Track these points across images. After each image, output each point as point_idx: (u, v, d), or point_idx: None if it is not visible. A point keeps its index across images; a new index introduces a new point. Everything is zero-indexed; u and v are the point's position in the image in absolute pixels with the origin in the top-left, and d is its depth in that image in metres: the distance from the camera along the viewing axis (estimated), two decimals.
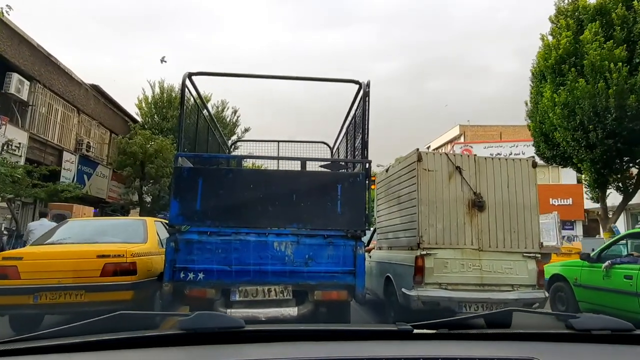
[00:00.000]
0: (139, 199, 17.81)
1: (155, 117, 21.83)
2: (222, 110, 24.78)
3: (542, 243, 5.28)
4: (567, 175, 24.53)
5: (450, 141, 34.88)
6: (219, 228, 4.35)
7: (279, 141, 8.14)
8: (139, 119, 21.57)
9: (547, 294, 5.09)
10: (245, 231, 4.37)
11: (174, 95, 21.91)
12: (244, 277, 4.28)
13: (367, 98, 4.85)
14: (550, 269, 6.92)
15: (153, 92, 22.57)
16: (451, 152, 27.52)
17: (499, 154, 24.78)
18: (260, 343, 1.25)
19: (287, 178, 4.72)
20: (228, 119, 25.04)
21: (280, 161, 6.91)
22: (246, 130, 26.45)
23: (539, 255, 5.19)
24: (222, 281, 4.28)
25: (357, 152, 5.44)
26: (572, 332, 1.31)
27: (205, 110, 6.35)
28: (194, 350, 1.20)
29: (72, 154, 16.13)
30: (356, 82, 5.03)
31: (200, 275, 4.22)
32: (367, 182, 4.57)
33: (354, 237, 4.45)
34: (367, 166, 4.70)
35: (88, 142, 17.08)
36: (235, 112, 25.73)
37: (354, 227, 4.46)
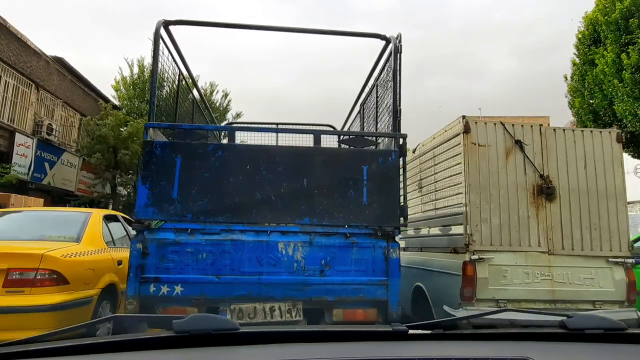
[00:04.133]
0: (111, 192, 17.32)
1: (135, 101, 21.44)
2: (211, 94, 24.55)
3: (632, 244, 4.43)
4: None
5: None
6: (204, 224, 3.77)
7: (277, 124, 7.95)
8: (116, 102, 21.14)
9: None
10: (239, 228, 3.80)
11: None
12: (237, 290, 3.69)
13: (398, 55, 4.27)
14: None
15: (131, 72, 22.23)
16: None
17: None
18: (256, 345, 1.35)
19: (296, 157, 4.05)
20: (218, 103, 24.90)
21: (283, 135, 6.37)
22: (238, 115, 26.57)
23: (630, 261, 4.35)
24: (208, 296, 3.69)
25: (381, 129, 4.99)
26: (565, 331, 1.43)
27: (186, 72, 5.75)
28: (189, 353, 1.29)
29: (29, 137, 15.43)
30: (382, 37, 4.47)
31: (178, 289, 3.64)
32: (401, 163, 4.02)
33: (386, 236, 3.86)
34: (400, 142, 4.08)
35: (49, 124, 16.40)
36: (225, 95, 25.58)
37: (384, 222, 3.87)
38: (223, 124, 21.36)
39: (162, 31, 4.19)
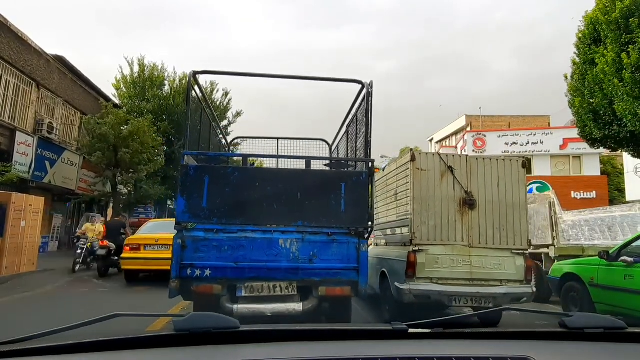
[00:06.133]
0: (112, 190, 18.14)
1: (136, 99, 22.19)
2: (212, 92, 25.39)
3: (530, 241, 6.55)
4: (590, 167, 25.75)
5: (456, 133, 35.85)
6: (225, 226, 5.08)
7: (278, 138, 9.36)
8: (116, 101, 21.86)
9: (534, 289, 6.35)
10: (251, 229, 5.14)
11: (156, 74, 22.55)
12: (250, 273, 5.05)
13: (369, 98, 5.60)
14: (562, 267, 7.81)
15: (132, 71, 23.00)
16: (461, 141, 28.80)
17: (515, 142, 26.63)
18: (256, 343, 1.42)
19: (292, 176, 5.43)
20: (218, 102, 25.88)
21: (282, 159, 7.61)
22: (238, 114, 27.59)
23: (527, 252, 6.47)
24: (229, 277, 5.03)
25: (359, 152, 6.26)
26: (565, 330, 1.50)
27: (207, 109, 7.19)
28: (189, 351, 1.35)
29: (30, 135, 16.05)
30: (359, 82, 5.79)
31: (207, 272, 4.97)
32: (370, 181, 5.37)
33: (358, 235, 5.25)
34: (369, 165, 5.52)
35: (50, 123, 17.14)
36: (226, 94, 26.59)
37: (357, 224, 5.25)
38: (224, 122, 22.88)
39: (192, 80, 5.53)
